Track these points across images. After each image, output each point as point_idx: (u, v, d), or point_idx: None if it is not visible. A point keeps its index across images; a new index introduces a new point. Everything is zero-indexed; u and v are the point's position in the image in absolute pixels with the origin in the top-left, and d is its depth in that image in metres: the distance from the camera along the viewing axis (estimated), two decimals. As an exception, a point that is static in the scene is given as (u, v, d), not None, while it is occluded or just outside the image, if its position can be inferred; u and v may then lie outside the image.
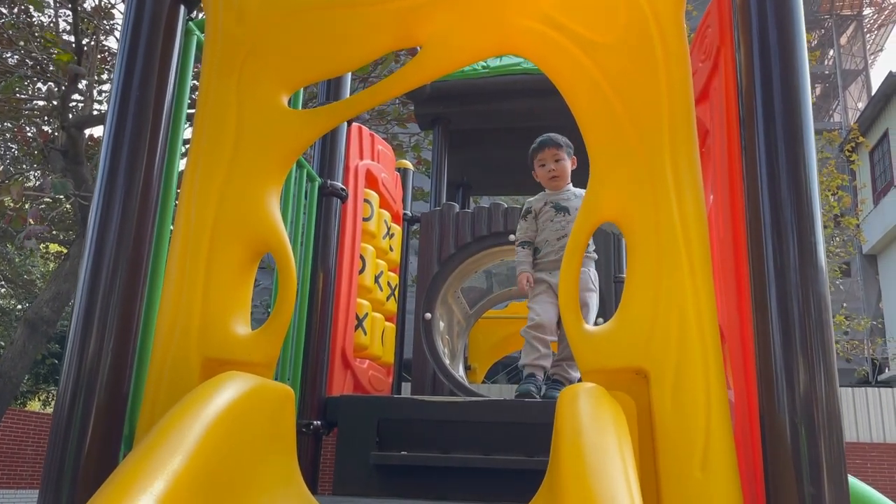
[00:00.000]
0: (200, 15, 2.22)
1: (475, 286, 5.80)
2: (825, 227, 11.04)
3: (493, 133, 5.43)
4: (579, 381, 1.66)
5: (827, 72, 24.16)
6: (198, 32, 1.97)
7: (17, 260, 14.35)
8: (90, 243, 1.66)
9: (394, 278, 4.00)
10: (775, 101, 1.66)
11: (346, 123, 3.29)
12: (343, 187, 3.18)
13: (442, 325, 4.48)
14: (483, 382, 8.27)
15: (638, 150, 1.64)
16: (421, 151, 9.41)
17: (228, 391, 1.35)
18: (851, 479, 2.00)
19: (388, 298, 3.84)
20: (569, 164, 3.32)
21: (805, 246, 1.54)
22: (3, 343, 15.29)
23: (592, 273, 3.25)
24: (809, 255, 1.53)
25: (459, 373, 4.63)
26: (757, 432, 1.52)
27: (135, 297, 1.67)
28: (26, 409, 14.33)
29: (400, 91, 1.80)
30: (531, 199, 3.40)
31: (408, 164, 4.62)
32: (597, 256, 3.39)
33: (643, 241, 1.58)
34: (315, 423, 2.88)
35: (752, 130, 1.68)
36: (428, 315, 4.10)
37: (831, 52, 24.26)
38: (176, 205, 1.79)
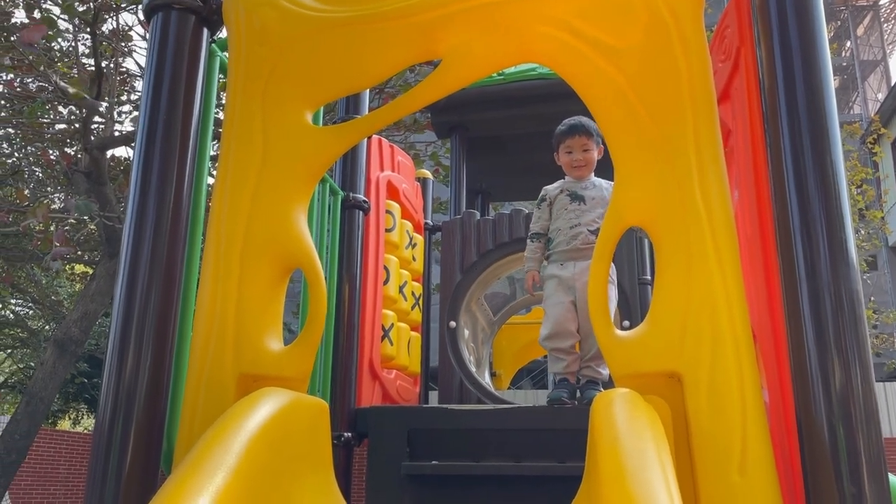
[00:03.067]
0: (223, 33, 2.25)
1: (498, 292, 5.80)
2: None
3: (511, 139, 5.43)
4: (610, 377, 1.66)
5: (845, 63, 23.90)
6: (220, 53, 2.00)
7: (44, 281, 14.57)
8: (124, 264, 1.69)
9: (418, 288, 4.01)
10: (799, 98, 1.65)
11: (365, 138, 3.31)
12: (365, 199, 3.21)
13: (467, 332, 4.48)
14: (508, 388, 8.26)
15: (662, 152, 1.64)
16: (439, 160, 9.43)
17: (266, 407, 1.37)
18: (891, 476, 1.98)
19: (412, 308, 3.85)
20: (595, 155, 3.16)
21: (835, 243, 1.53)
22: (32, 364, 15.51)
23: (611, 266, 3.15)
24: (840, 252, 1.52)
25: (486, 380, 4.64)
26: (793, 432, 1.51)
27: (169, 315, 1.70)
28: (57, 428, 14.51)
29: (423, 104, 1.82)
30: (547, 186, 3.27)
31: (427, 173, 4.65)
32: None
33: (671, 244, 1.58)
34: (346, 434, 2.90)
35: (777, 129, 1.67)
36: (453, 323, 4.11)
37: (848, 44, 24.01)
38: (206, 224, 1.82)
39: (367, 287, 3.22)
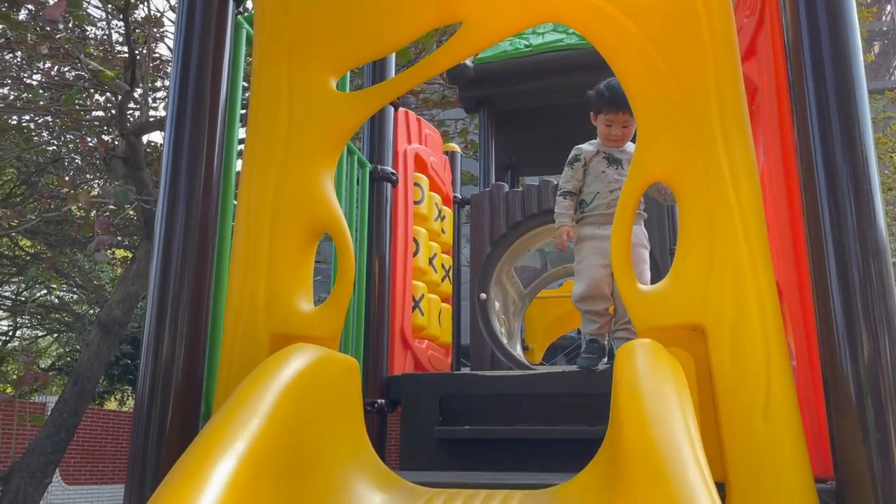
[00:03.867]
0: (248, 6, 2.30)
1: (529, 265, 5.81)
2: (890, 189, 10.60)
3: (540, 112, 5.40)
4: None
5: (885, 28, 23.16)
6: (247, 26, 2.04)
7: (86, 266, 14.94)
8: (159, 231, 1.76)
9: (447, 260, 4.05)
10: (824, 52, 1.63)
11: (392, 109, 3.34)
12: (393, 172, 3.24)
13: (497, 304, 4.51)
14: (541, 363, 8.29)
15: (684, 108, 1.64)
16: (468, 135, 9.43)
17: (297, 361, 1.42)
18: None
19: (442, 280, 3.90)
20: (633, 131, 3.04)
21: (863, 206, 1.51)
22: (78, 347, 15.96)
23: (643, 230, 3.10)
24: (867, 215, 1.50)
25: (517, 352, 4.67)
26: (819, 384, 1.52)
27: (204, 282, 1.76)
28: (103, 408, 14.96)
29: (444, 67, 1.84)
30: (582, 145, 3.18)
31: (455, 147, 4.67)
32: (646, 215, 3.27)
33: (694, 199, 1.58)
34: (379, 401, 2.97)
35: (802, 85, 1.65)
36: (483, 295, 4.14)
37: (888, 8, 23.24)
38: (237, 191, 1.87)
39: (397, 258, 3.26)
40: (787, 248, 1.75)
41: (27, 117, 10.20)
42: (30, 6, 8.02)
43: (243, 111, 2.06)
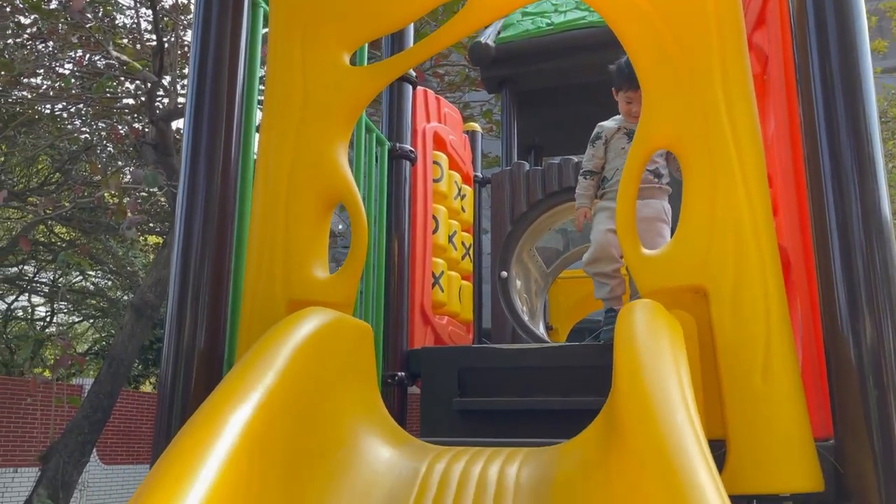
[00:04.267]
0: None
1: (551, 247, 5.82)
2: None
3: (563, 91, 5.37)
4: None
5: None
6: (263, 4, 2.10)
7: (120, 252, 15.25)
8: (181, 209, 1.83)
9: (468, 238, 4.09)
10: (827, 21, 1.64)
11: (411, 88, 3.38)
12: (412, 150, 3.29)
13: (519, 283, 4.55)
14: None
15: (688, 77, 1.66)
16: (492, 117, 9.42)
17: (311, 322, 1.49)
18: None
19: (462, 258, 3.94)
20: None
21: (865, 172, 1.53)
22: (113, 332, 16.34)
23: (666, 206, 3.04)
24: (869, 179, 1.52)
25: (540, 330, 4.70)
26: (821, 343, 1.55)
27: (224, 257, 1.84)
28: (139, 391, 15.33)
29: (454, 39, 1.87)
30: (604, 122, 3.14)
31: (476, 126, 4.69)
32: (671, 189, 3.25)
33: (697, 164, 1.61)
34: (399, 374, 3.03)
35: (805, 52, 1.67)
36: (504, 273, 4.18)
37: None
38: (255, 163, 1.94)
39: (417, 235, 3.32)
40: (793, 214, 1.77)
41: (59, 106, 10.44)
42: (60, -4, 8.18)
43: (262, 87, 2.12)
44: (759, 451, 1.42)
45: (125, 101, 10.47)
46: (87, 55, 9.68)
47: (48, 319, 17.96)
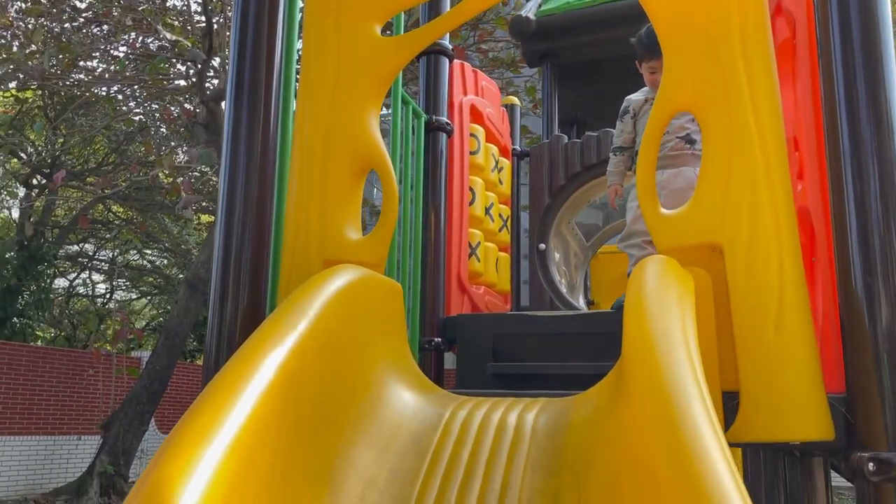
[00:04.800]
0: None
1: (590, 223, 5.83)
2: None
3: (604, 64, 5.35)
4: None
5: None
6: (300, -20, 2.19)
7: (175, 231, 15.73)
8: (225, 166, 1.95)
9: (505, 210, 4.15)
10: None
11: (447, 61, 3.45)
12: (448, 122, 3.36)
13: (557, 255, 4.59)
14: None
15: (708, 39, 1.69)
16: (536, 94, 9.40)
17: (343, 277, 1.59)
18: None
19: (500, 230, 4.01)
20: None
21: (883, 142, 1.56)
22: (169, 308, 16.92)
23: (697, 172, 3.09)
24: (886, 148, 1.55)
25: (579, 303, 4.75)
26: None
27: (265, 214, 1.96)
28: (195, 363, 15.88)
29: (485, 5, 1.94)
30: (631, 96, 3.13)
31: (514, 100, 4.73)
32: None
33: (715, 126, 1.65)
34: (436, 340, 3.14)
35: (826, 18, 1.68)
36: (542, 246, 4.24)
37: None
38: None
39: (453, 206, 3.39)
40: (814, 173, 1.79)
41: (115, 88, 10.79)
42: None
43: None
44: (771, 401, 1.46)
45: (177, 82, 10.77)
46: (140, 38, 9.96)
47: (108, 296, 18.69)
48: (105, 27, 9.88)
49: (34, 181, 14.45)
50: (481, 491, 1.29)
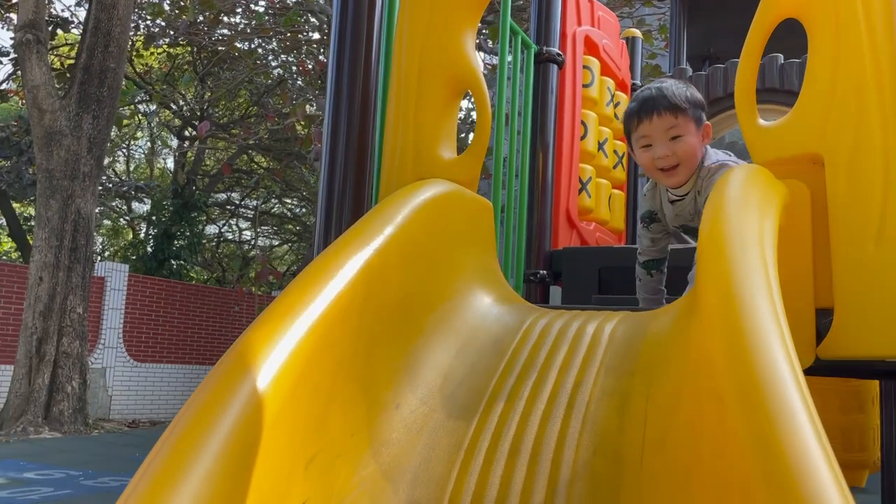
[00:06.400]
0: None
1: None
2: None
3: (735, -4, 5.04)
4: None
5: None
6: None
7: (311, 181, 16.51)
8: (330, 94, 2.06)
9: (621, 147, 4.05)
10: None
11: (560, -9, 3.38)
12: (559, 53, 3.31)
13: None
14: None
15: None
16: (668, 32, 8.96)
17: (433, 189, 1.66)
18: None
19: (615, 166, 3.93)
20: (696, 141, 2.09)
21: None
22: (304, 253, 17.87)
23: None
24: None
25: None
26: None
27: (366, 134, 2.07)
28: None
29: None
30: (646, 193, 2.45)
31: (636, 32, 4.55)
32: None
33: (821, 30, 1.54)
34: (542, 272, 3.16)
35: None
36: (656, 183, 4.11)
37: None
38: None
39: (563, 140, 3.36)
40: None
41: (256, 42, 11.36)
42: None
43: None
44: (867, 316, 1.39)
45: (311, 34, 11.17)
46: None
47: (252, 243, 20.01)
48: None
49: (186, 133, 15.61)
50: (554, 386, 1.34)
